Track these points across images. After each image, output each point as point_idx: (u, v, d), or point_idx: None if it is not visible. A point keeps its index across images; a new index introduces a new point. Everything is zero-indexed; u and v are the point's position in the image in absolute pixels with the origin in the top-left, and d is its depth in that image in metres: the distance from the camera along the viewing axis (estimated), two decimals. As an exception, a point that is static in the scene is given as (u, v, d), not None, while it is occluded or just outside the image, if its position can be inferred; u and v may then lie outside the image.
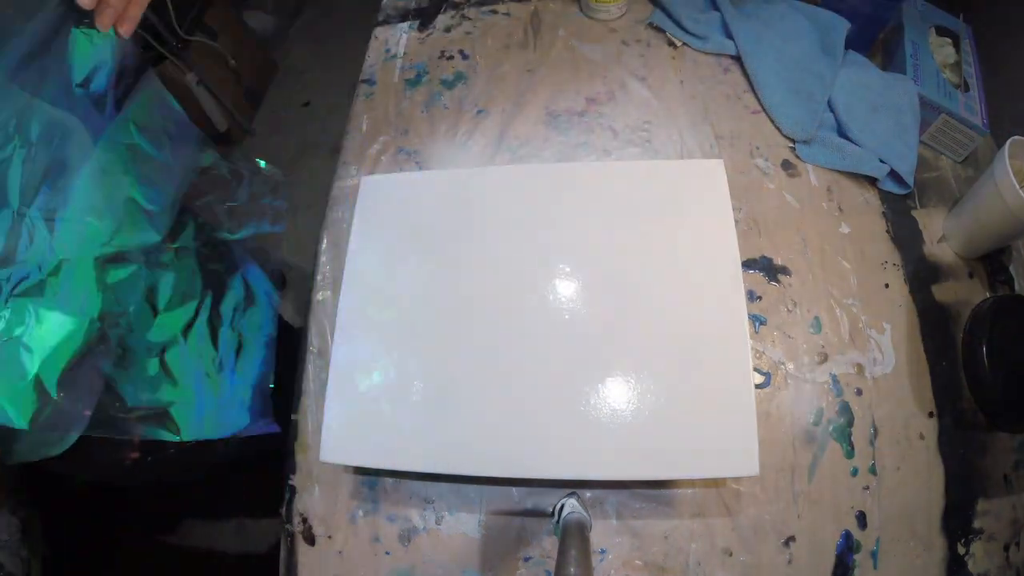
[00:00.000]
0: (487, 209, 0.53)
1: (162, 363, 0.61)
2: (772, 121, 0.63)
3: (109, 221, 0.56)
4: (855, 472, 0.49)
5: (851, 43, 0.66)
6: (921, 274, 0.56)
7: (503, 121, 0.66)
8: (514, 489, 0.49)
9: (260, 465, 0.74)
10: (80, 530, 1.06)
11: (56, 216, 0.53)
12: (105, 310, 0.56)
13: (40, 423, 0.51)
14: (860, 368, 0.52)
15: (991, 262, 0.58)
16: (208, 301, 0.66)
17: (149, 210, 0.60)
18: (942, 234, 0.58)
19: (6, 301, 0.51)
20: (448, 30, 0.75)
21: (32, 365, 0.51)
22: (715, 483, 0.48)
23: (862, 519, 0.48)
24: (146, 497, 1.27)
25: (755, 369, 0.51)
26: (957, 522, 0.48)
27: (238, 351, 0.68)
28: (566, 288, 0.49)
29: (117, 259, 0.58)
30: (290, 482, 0.52)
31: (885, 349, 0.53)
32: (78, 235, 0.54)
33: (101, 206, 0.56)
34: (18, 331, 0.51)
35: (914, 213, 0.59)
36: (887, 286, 0.56)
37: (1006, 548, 0.48)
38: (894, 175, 0.59)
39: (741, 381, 0.44)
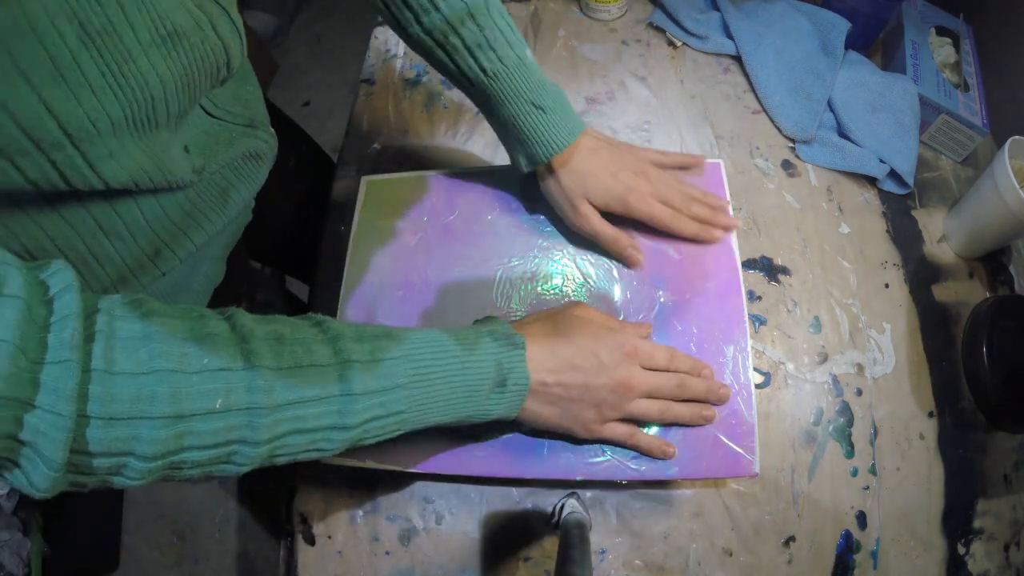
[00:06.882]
0: (487, 209, 0.53)
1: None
2: (772, 121, 0.63)
3: None
4: (855, 472, 0.49)
5: (851, 43, 0.66)
6: (921, 274, 0.56)
7: (503, 121, 0.66)
8: (514, 489, 0.49)
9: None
10: (80, 530, 1.06)
11: None
12: None
13: None
14: (860, 368, 0.52)
15: (991, 262, 0.58)
16: None
17: None
18: (942, 234, 0.58)
19: None
20: (448, 30, 0.74)
21: None
22: (715, 483, 0.48)
23: (862, 519, 0.48)
24: (146, 496, 1.27)
25: (755, 369, 0.51)
26: (957, 522, 0.48)
27: None
28: (566, 288, 0.49)
29: None
30: (290, 482, 0.52)
31: (885, 349, 0.53)
32: None
33: None
34: None
35: (914, 213, 0.59)
36: (887, 286, 0.56)
37: (1006, 548, 0.48)
38: (894, 175, 0.59)
39: (741, 381, 0.44)
